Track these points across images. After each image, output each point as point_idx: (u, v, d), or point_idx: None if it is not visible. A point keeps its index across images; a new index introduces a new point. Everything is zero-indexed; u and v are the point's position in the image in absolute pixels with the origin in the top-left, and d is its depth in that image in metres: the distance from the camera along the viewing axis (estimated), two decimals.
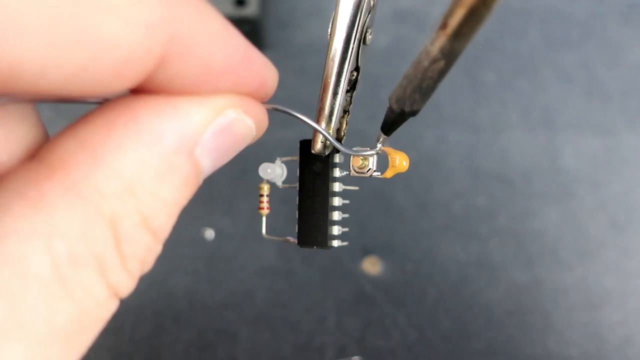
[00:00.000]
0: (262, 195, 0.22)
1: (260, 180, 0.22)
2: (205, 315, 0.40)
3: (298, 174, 0.21)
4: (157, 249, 0.15)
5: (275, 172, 0.22)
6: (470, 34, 0.13)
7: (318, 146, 0.20)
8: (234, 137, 0.15)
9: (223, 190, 0.44)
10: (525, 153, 0.44)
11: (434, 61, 0.14)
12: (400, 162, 0.20)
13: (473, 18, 0.12)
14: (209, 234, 0.42)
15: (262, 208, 0.21)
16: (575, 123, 0.46)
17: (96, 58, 0.12)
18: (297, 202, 0.21)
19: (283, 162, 0.22)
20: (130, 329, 0.39)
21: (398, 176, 0.21)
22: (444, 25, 0.13)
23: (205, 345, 0.39)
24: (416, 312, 0.39)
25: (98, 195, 0.13)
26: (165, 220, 0.14)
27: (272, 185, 0.22)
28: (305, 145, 0.21)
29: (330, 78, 0.20)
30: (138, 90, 0.14)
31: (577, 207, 0.42)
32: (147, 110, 0.14)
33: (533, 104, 0.47)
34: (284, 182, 0.22)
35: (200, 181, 0.15)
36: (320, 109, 0.20)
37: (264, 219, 0.23)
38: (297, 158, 0.21)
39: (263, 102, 0.16)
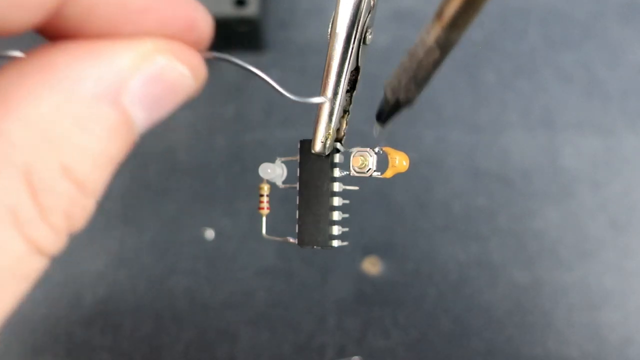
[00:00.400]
0: (262, 195, 0.22)
1: (260, 180, 0.22)
2: (205, 315, 0.40)
3: (298, 174, 0.21)
4: (85, 202, 0.13)
5: (275, 172, 0.22)
6: (465, 24, 0.13)
7: (318, 146, 0.20)
8: (167, 85, 0.14)
9: (223, 190, 0.44)
10: (525, 153, 0.44)
11: (430, 51, 0.14)
12: (400, 162, 0.20)
13: (469, 8, 0.12)
14: (209, 234, 0.42)
15: (262, 208, 0.21)
16: (575, 123, 0.46)
17: None
18: (297, 202, 0.21)
19: (283, 162, 0.22)
20: (130, 329, 0.39)
21: (398, 176, 0.21)
22: (439, 15, 0.13)
23: (205, 345, 0.39)
24: (416, 312, 0.39)
25: (8, 145, 0.12)
26: (90, 171, 0.13)
27: (272, 185, 0.22)
28: (305, 145, 0.21)
29: (330, 78, 0.20)
30: (54, 37, 0.13)
31: (577, 207, 0.42)
32: (64, 56, 0.13)
33: (533, 104, 0.47)
34: (284, 182, 0.22)
35: (135, 133, 0.14)
36: (320, 109, 0.20)
37: (264, 219, 0.23)
38: (297, 158, 0.21)
39: (200, 51, 0.15)
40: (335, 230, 0.21)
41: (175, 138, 0.46)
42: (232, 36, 0.48)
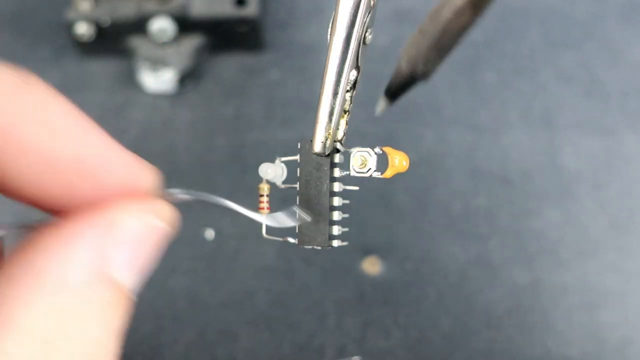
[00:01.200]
0: (262, 196, 0.22)
1: (260, 180, 0.22)
2: (205, 315, 0.40)
3: (298, 174, 0.21)
4: None
5: (275, 172, 0.22)
6: None
7: (318, 146, 0.20)
8: (148, 242, 0.15)
9: (223, 190, 0.44)
10: (525, 153, 0.44)
11: (459, 12, 0.12)
12: (400, 162, 0.20)
13: None
14: (209, 234, 0.42)
15: (262, 208, 0.21)
16: (575, 123, 0.46)
17: None
18: (297, 202, 0.21)
19: (283, 162, 0.22)
20: (130, 329, 0.39)
21: (398, 176, 0.21)
22: None
23: (205, 345, 0.39)
24: (416, 312, 0.39)
25: None
26: (105, 354, 0.13)
27: (272, 185, 0.22)
28: (305, 145, 0.21)
29: (330, 78, 0.20)
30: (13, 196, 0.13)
31: (577, 207, 0.42)
32: (43, 253, 0.13)
33: (533, 104, 0.47)
34: (284, 182, 0.22)
35: (130, 296, 0.14)
36: (320, 109, 0.20)
37: (264, 219, 0.23)
38: (297, 158, 0.21)
39: (163, 195, 0.16)
40: (335, 230, 0.21)
41: (175, 138, 0.46)
42: (232, 36, 0.49)
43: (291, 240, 0.22)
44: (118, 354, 0.14)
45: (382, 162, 0.21)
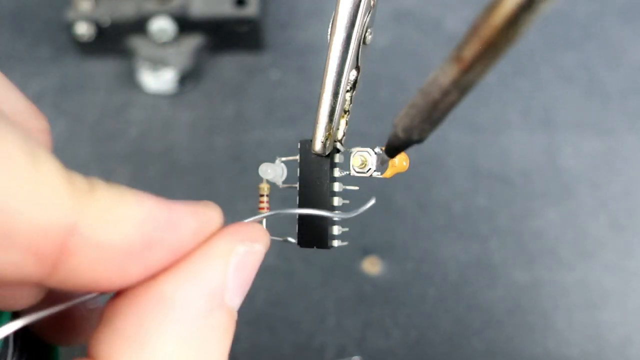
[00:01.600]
0: (262, 196, 0.22)
1: (260, 180, 0.22)
2: None
3: (298, 174, 0.21)
4: None
5: (275, 172, 0.22)
6: (486, 67, 0.12)
7: (318, 146, 0.20)
8: (251, 266, 0.16)
9: (223, 190, 0.44)
10: (525, 153, 0.44)
11: (446, 94, 0.13)
12: (400, 161, 0.20)
13: (491, 51, 0.11)
14: None
15: (262, 208, 0.21)
16: (575, 123, 0.46)
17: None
18: (297, 202, 0.21)
19: (283, 162, 0.22)
20: None
21: (398, 176, 0.21)
22: (458, 58, 0.12)
23: None
24: (416, 312, 0.39)
25: None
26: None
27: (272, 185, 0.22)
28: (305, 145, 0.21)
29: (330, 78, 0.20)
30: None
31: (577, 207, 0.42)
32: (170, 280, 0.14)
33: (533, 104, 0.47)
34: (284, 182, 0.22)
35: (236, 317, 0.15)
36: (320, 109, 0.20)
37: (264, 219, 0.22)
38: (297, 158, 0.21)
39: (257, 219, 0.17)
40: (335, 230, 0.21)
41: (175, 138, 0.46)
42: (232, 36, 0.49)
43: (291, 240, 0.22)
44: None
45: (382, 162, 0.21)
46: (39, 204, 0.12)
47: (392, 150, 0.18)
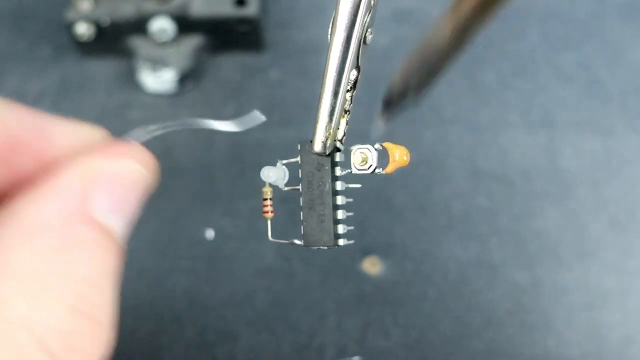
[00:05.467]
0: (265, 199, 0.22)
1: (262, 183, 0.22)
2: (205, 315, 0.40)
3: (300, 175, 0.21)
4: (101, 333, 0.14)
5: (277, 175, 0.22)
6: (481, 23, 0.12)
7: (318, 146, 0.20)
8: (126, 184, 0.15)
9: (223, 190, 0.44)
10: (525, 153, 0.44)
11: (440, 51, 0.13)
12: (400, 156, 0.20)
13: (484, 7, 0.11)
14: (209, 234, 0.42)
15: (267, 212, 0.21)
16: (575, 123, 0.46)
17: None
18: (301, 204, 0.21)
19: (284, 164, 0.22)
20: (130, 329, 0.39)
21: (398, 176, 0.21)
22: (453, 12, 0.12)
23: (205, 345, 0.39)
24: (416, 312, 0.39)
25: (8, 308, 0.12)
26: (93, 299, 0.13)
27: (274, 188, 0.22)
28: (305, 145, 0.21)
29: (331, 78, 0.20)
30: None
31: (577, 207, 0.42)
32: (22, 201, 0.13)
33: (533, 104, 0.47)
34: (286, 185, 0.22)
35: (118, 241, 0.14)
36: (321, 109, 0.20)
37: (269, 222, 0.22)
38: (297, 160, 0.21)
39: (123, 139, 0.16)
40: (341, 229, 0.21)
41: (175, 138, 0.46)
42: (232, 36, 0.49)
43: (297, 242, 0.22)
44: (116, 300, 0.14)
45: (382, 159, 0.21)
46: None
47: (389, 109, 0.18)
